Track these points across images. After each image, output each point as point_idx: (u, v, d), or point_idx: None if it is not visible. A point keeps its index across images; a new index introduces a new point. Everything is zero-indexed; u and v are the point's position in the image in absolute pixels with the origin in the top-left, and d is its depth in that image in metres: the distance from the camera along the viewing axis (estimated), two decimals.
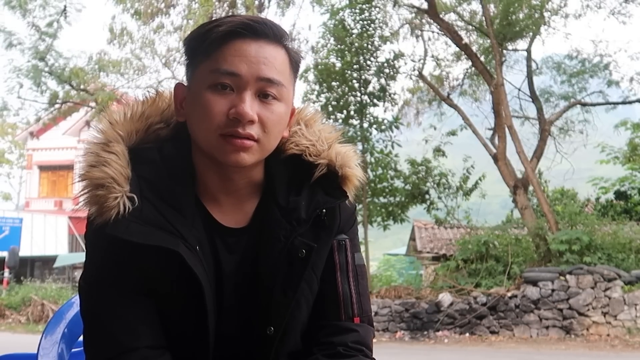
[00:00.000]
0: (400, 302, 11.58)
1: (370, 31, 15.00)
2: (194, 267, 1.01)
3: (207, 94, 1.04)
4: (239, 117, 1.02)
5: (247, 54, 1.04)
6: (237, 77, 1.03)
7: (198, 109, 1.05)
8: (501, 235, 13.28)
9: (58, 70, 15.26)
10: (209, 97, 1.03)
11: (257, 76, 1.04)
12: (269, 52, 1.06)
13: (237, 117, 1.02)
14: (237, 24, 1.04)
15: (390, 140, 15.15)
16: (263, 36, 1.05)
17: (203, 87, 1.04)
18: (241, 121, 1.02)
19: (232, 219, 1.13)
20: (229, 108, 1.03)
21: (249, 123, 1.03)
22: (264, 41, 1.05)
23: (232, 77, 1.03)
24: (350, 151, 1.20)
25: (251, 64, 1.03)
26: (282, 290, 1.09)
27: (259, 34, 1.05)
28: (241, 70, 1.03)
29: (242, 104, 1.02)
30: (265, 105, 1.05)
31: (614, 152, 18.48)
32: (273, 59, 1.06)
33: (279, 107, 1.07)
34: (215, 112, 1.03)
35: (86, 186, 1.03)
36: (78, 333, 1.48)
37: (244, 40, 1.04)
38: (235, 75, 1.03)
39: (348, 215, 1.21)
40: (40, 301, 14.49)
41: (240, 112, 1.02)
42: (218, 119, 1.03)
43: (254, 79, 1.04)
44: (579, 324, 10.63)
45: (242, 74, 1.03)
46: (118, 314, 1.02)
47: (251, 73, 1.03)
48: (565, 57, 17.64)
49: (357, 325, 1.16)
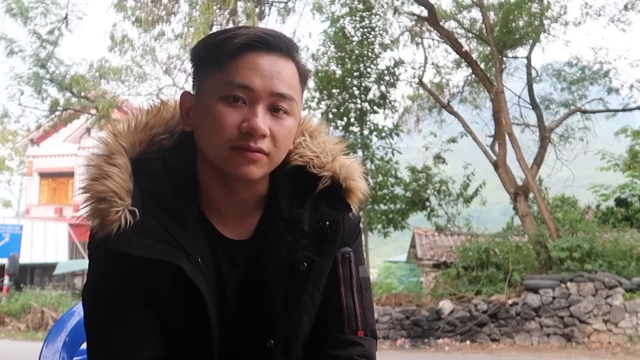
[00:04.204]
0: (401, 310, 11.55)
1: (371, 39, 15.08)
2: (196, 280, 1.01)
3: (218, 106, 1.02)
4: (251, 131, 1.01)
5: (260, 67, 1.03)
6: (251, 91, 1.02)
7: (208, 120, 1.04)
8: (502, 243, 13.23)
9: (59, 78, 15.28)
10: (221, 109, 1.02)
11: (270, 91, 1.03)
12: (281, 66, 1.05)
13: (250, 131, 1.01)
14: (252, 37, 1.03)
15: (391, 147, 15.22)
16: (276, 50, 1.05)
17: (214, 99, 1.03)
18: (253, 135, 1.01)
19: (234, 231, 1.12)
20: (241, 121, 1.02)
21: (260, 137, 1.02)
22: (276, 55, 1.05)
23: (245, 91, 1.02)
24: (355, 163, 1.19)
25: (265, 78, 1.02)
26: (284, 303, 1.08)
27: (272, 47, 1.04)
28: (255, 83, 1.02)
29: (255, 118, 1.01)
30: (276, 120, 1.05)
31: (614, 159, 18.47)
32: (285, 73, 1.05)
33: (289, 122, 1.07)
34: (227, 124, 1.02)
35: (88, 199, 1.02)
36: (79, 342, 1.47)
37: (258, 53, 1.03)
38: (248, 88, 1.02)
39: (352, 227, 1.20)
40: (40, 309, 14.45)
41: (254, 126, 1.01)
42: (229, 132, 1.01)
43: (267, 94, 1.03)
44: (580, 332, 10.59)
45: (255, 88, 1.02)
46: (120, 326, 1.01)
47: (264, 87, 1.02)
48: (565, 65, 17.68)
49: (361, 338, 1.15)
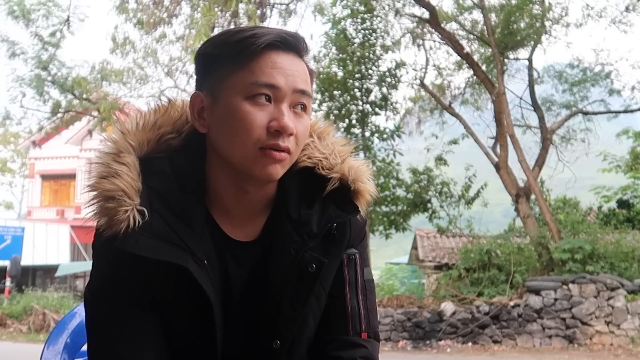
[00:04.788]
0: (403, 311, 11.53)
1: (372, 40, 15.09)
2: (202, 283, 1.00)
3: (245, 106, 1.02)
4: (281, 129, 1.01)
5: (283, 66, 1.04)
6: (276, 89, 1.02)
7: (232, 121, 1.03)
8: (503, 244, 13.22)
9: (61, 80, 15.31)
10: (247, 109, 1.02)
11: (294, 88, 1.04)
12: (298, 65, 1.07)
13: (280, 130, 1.01)
14: (275, 37, 1.04)
15: (392, 149, 15.22)
16: (295, 50, 1.07)
17: (238, 99, 1.02)
18: (282, 134, 1.02)
19: (241, 231, 1.12)
20: (269, 120, 1.02)
21: (288, 136, 1.03)
22: (293, 54, 1.06)
23: (271, 89, 1.02)
24: (363, 165, 1.19)
25: (288, 76, 1.03)
26: (291, 304, 1.08)
27: (292, 47, 1.06)
28: (279, 82, 1.02)
29: (283, 116, 1.02)
30: (297, 118, 1.06)
31: (616, 160, 18.44)
32: (302, 71, 1.07)
33: (306, 120, 1.09)
34: (256, 125, 1.01)
35: (95, 197, 1.01)
36: (81, 343, 1.47)
37: (278, 52, 1.04)
38: (274, 87, 1.02)
39: (358, 229, 1.20)
40: (41, 310, 14.43)
41: (283, 124, 1.01)
42: (258, 132, 1.01)
43: (290, 91, 1.04)
44: (582, 333, 10.58)
45: (280, 86, 1.02)
46: (122, 328, 1.01)
47: (288, 85, 1.03)
48: (567, 66, 17.69)
49: (365, 340, 1.15)
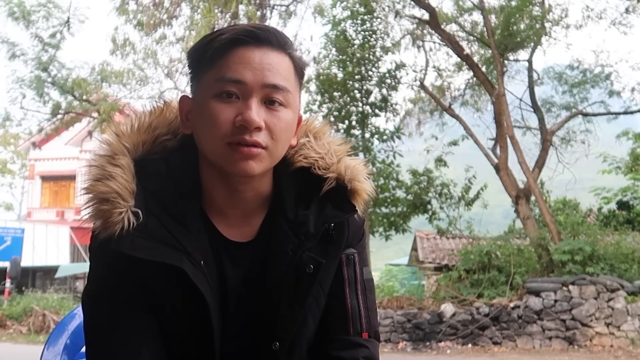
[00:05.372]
0: (403, 313, 11.53)
1: (372, 42, 15.10)
2: (198, 283, 1.00)
3: (212, 103, 1.02)
4: (245, 124, 1.00)
5: (251, 60, 1.02)
6: (242, 85, 1.02)
7: (204, 119, 1.03)
8: (503, 246, 13.22)
9: (61, 81, 15.34)
10: (215, 106, 1.02)
11: (263, 83, 1.02)
12: (273, 58, 1.04)
13: (244, 125, 1.00)
14: (240, 32, 1.03)
15: (392, 150, 15.22)
16: (267, 43, 1.04)
17: (208, 97, 1.03)
18: (248, 128, 1.00)
19: (238, 232, 1.11)
20: (235, 116, 1.01)
21: (256, 130, 1.01)
22: (267, 48, 1.04)
23: (237, 85, 1.02)
24: (360, 165, 1.18)
25: (256, 70, 1.02)
26: (289, 305, 1.07)
27: (262, 41, 1.04)
28: (246, 77, 1.01)
29: (249, 110, 1.00)
30: (271, 112, 1.04)
31: (615, 162, 18.45)
32: (277, 65, 1.04)
33: (285, 114, 1.06)
34: (222, 120, 1.01)
35: (91, 200, 1.01)
36: (80, 344, 1.47)
37: (247, 47, 1.03)
38: (240, 82, 1.01)
39: (356, 229, 1.19)
40: (41, 312, 14.42)
41: (247, 119, 1.00)
42: (224, 128, 1.01)
43: (259, 86, 1.02)
44: (582, 335, 10.57)
45: (247, 81, 1.01)
46: (119, 330, 1.00)
47: (256, 80, 1.02)
48: (567, 68, 17.69)
49: (366, 340, 1.15)
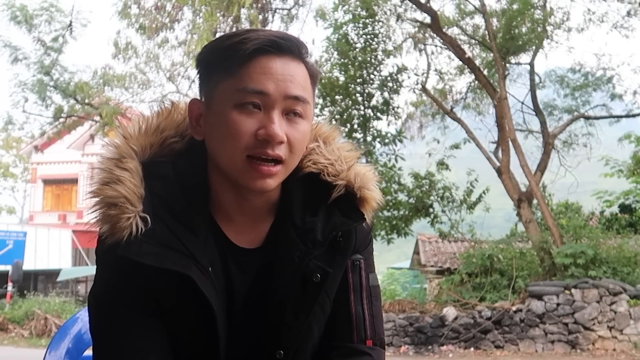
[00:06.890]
0: (405, 316, 11.52)
1: (374, 45, 15.11)
2: (205, 290, 0.98)
3: (233, 114, 0.99)
4: (269, 138, 0.98)
5: (273, 71, 0.99)
6: (265, 96, 0.99)
7: (222, 129, 1.00)
8: (505, 249, 13.22)
9: (63, 85, 15.34)
10: (235, 117, 0.99)
11: (285, 94, 1.00)
12: (293, 68, 1.02)
13: (267, 138, 0.98)
14: (264, 41, 1.00)
15: (394, 153, 15.21)
16: (288, 52, 1.02)
17: (228, 106, 1.00)
18: (271, 142, 0.98)
19: (245, 238, 1.10)
20: (258, 128, 0.98)
21: (278, 144, 0.99)
22: (288, 57, 1.02)
23: (259, 96, 0.99)
24: (370, 172, 1.16)
25: (278, 82, 0.99)
26: (294, 314, 1.05)
27: (284, 50, 1.01)
28: (269, 88, 0.99)
29: (272, 124, 0.98)
30: (291, 124, 1.02)
31: (618, 165, 18.38)
32: (297, 75, 1.02)
33: (304, 126, 1.04)
34: (243, 132, 0.98)
35: (98, 204, 1.00)
36: (83, 348, 1.47)
37: (269, 57, 1.00)
38: (263, 94, 0.99)
39: (364, 235, 1.18)
40: (43, 315, 14.42)
41: (271, 133, 0.97)
42: (245, 140, 0.98)
43: (281, 98, 1.00)
44: (584, 339, 10.54)
45: (270, 93, 0.99)
46: (126, 334, 0.99)
47: (279, 91, 0.99)
48: (569, 71, 17.69)
49: (369, 348, 1.12)
